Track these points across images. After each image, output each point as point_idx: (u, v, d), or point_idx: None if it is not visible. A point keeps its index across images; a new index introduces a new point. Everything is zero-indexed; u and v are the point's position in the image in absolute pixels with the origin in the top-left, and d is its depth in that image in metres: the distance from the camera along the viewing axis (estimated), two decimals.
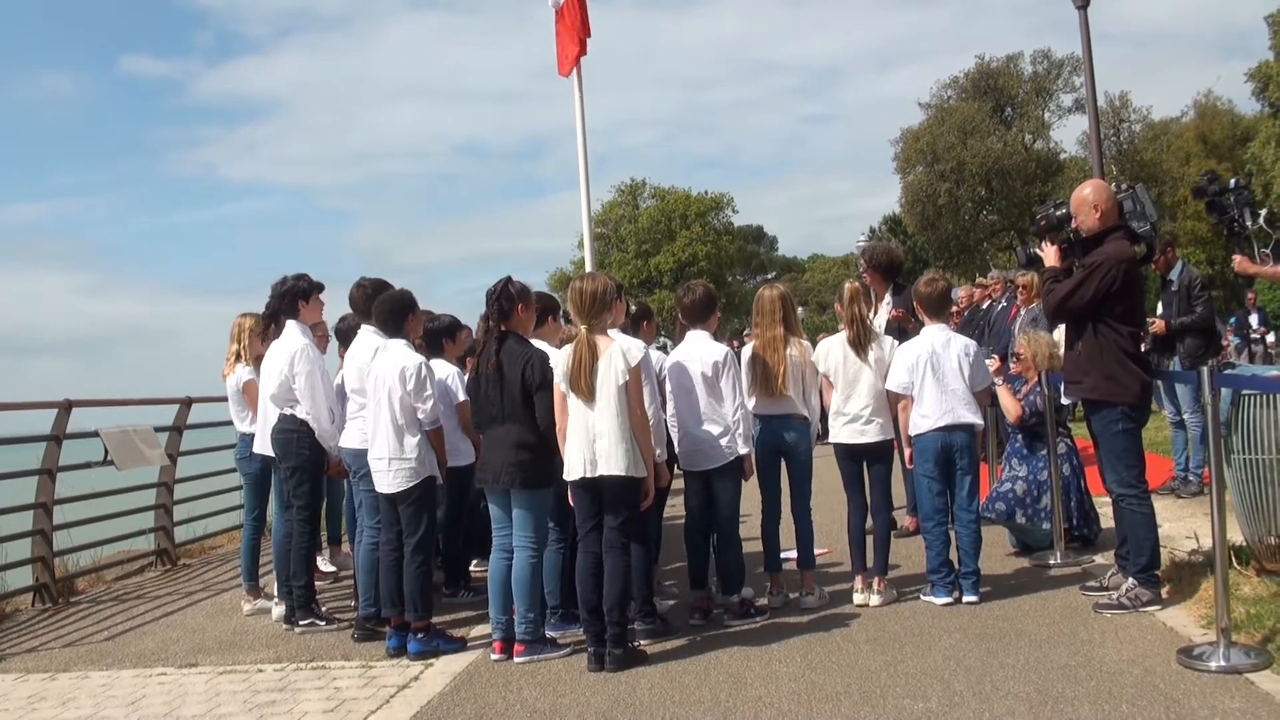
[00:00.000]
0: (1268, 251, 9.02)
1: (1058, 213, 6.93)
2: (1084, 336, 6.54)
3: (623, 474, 5.99)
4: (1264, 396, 6.66)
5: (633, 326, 7.32)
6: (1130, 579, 6.51)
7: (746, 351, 7.20)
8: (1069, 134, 61.62)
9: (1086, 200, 6.61)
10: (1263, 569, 6.65)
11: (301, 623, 7.37)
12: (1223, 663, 5.23)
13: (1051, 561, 7.77)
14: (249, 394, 8.04)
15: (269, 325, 7.64)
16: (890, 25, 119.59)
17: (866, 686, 5.39)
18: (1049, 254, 6.79)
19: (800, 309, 38.90)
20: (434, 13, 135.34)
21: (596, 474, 6.00)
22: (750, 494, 7.08)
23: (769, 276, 72.30)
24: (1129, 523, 6.54)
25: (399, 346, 6.67)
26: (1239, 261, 8.93)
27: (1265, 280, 12.19)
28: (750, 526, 7.27)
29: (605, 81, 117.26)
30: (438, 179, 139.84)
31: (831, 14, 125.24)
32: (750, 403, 7.02)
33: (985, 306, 13.47)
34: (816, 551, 7.39)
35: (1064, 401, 7.35)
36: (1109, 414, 6.49)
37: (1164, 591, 6.54)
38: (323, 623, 7.40)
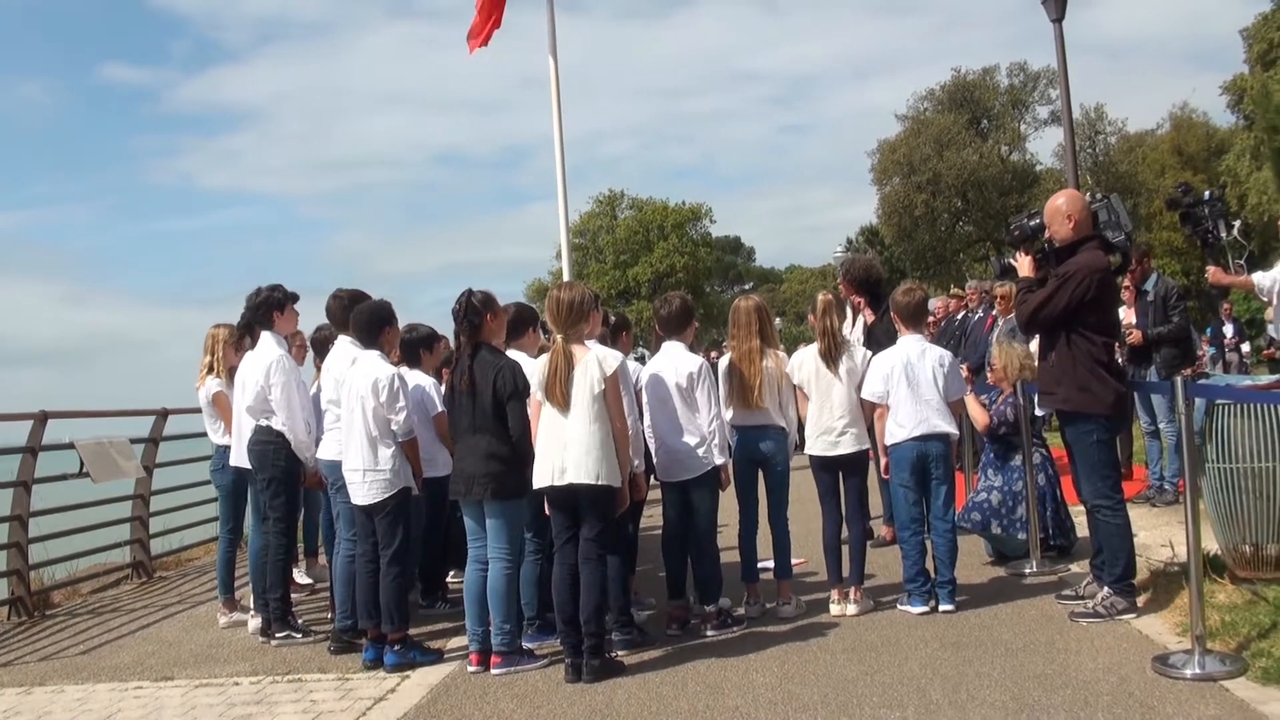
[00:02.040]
0: (1241, 262, 9.12)
1: (1031, 223, 6.88)
2: (1057, 347, 6.51)
3: (593, 482, 5.99)
4: (1238, 406, 6.72)
5: (610, 337, 7.34)
6: (1106, 588, 6.53)
7: (724, 363, 7.23)
8: (1045, 146, 61.94)
9: (1060, 210, 6.59)
10: (1237, 577, 6.71)
11: (278, 635, 7.34)
12: (1198, 670, 5.26)
13: (1027, 570, 7.80)
14: (219, 406, 8.02)
15: (243, 336, 7.63)
16: (868, 36, 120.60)
17: (843, 696, 5.40)
18: (1023, 264, 6.77)
19: (778, 320, 38.95)
20: (413, 22, 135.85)
21: (564, 482, 6.01)
22: (728, 504, 7.10)
23: (746, 287, 72.52)
24: (1104, 533, 6.56)
25: (372, 358, 6.65)
26: (1213, 272, 9.03)
27: (1239, 291, 12.33)
28: (727, 537, 7.29)
29: (584, 91, 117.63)
30: (416, 188, 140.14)
31: (809, 24, 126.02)
32: (728, 414, 7.05)
33: (961, 317, 13.54)
34: (793, 561, 7.43)
35: (1038, 413, 7.39)
36: (1084, 425, 6.48)
37: (1140, 600, 6.57)
38: (299, 635, 7.37)
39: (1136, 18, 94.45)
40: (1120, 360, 9.79)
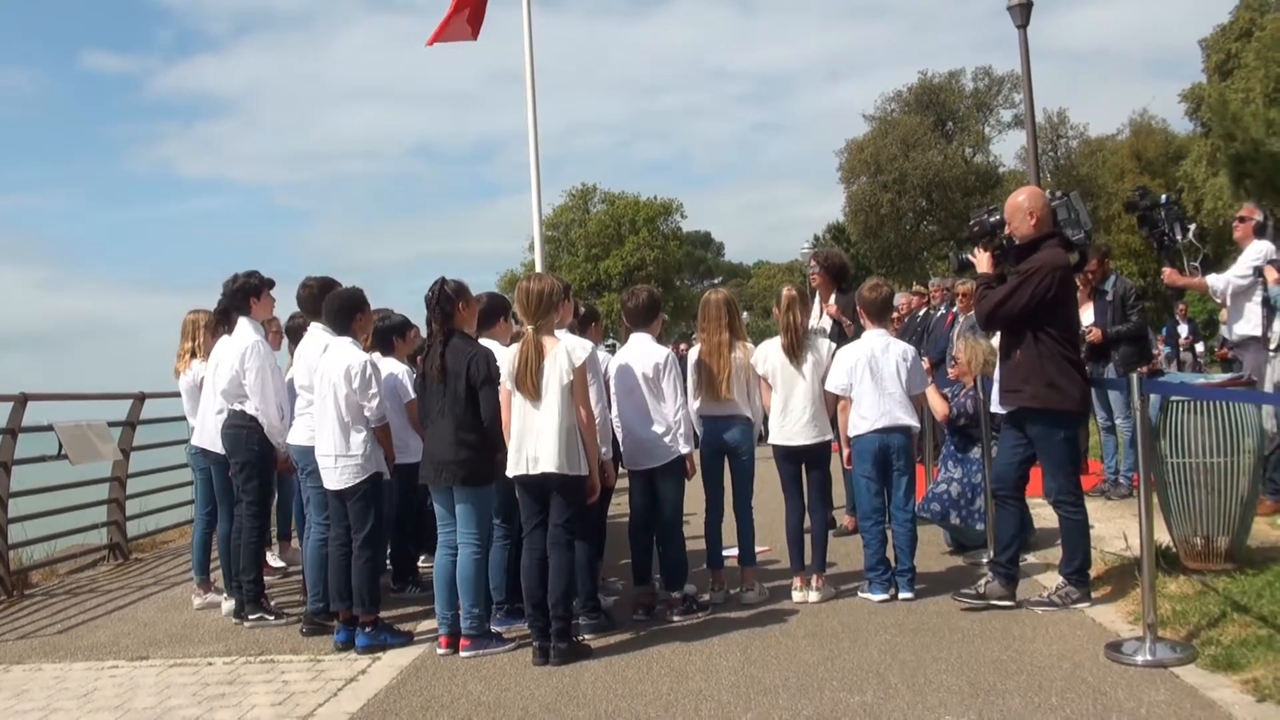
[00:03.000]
0: (1196, 265, 9.28)
1: (991, 219, 6.89)
2: (1022, 345, 6.49)
3: (563, 472, 6.08)
4: (1192, 403, 6.86)
5: (580, 328, 7.43)
6: (1061, 577, 6.63)
7: (693, 355, 7.34)
8: (1008, 148, 62.38)
9: (1021, 207, 6.58)
10: (1188, 568, 6.87)
11: (250, 617, 7.40)
12: (1149, 657, 5.38)
13: (984, 560, 7.87)
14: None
15: (220, 323, 7.67)
16: (840, 37, 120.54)
17: (804, 680, 5.51)
18: (981, 260, 6.77)
19: (745, 314, 39.04)
20: (392, 15, 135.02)
21: (537, 471, 6.09)
22: (694, 493, 7.21)
23: (716, 281, 72.59)
24: (1066, 528, 6.61)
25: (345, 344, 6.72)
26: (1168, 274, 9.19)
27: (1194, 292, 12.53)
28: (694, 525, 7.39)
29: (559, 87, 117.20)
30: (392, 180, 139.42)
31: (783, 24, 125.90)
32: (695, 404, 7.17)
33: (924, 313, 13.73)
34: (757, 549, 7.55)
35: (995, 409, 7.45)
36: (1051, 422, 6.50)
37: (1096, 592, 6.69)
38: (271, 617, 7.43)
39: (1100, 26, 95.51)
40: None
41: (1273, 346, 8.17)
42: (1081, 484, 6.75)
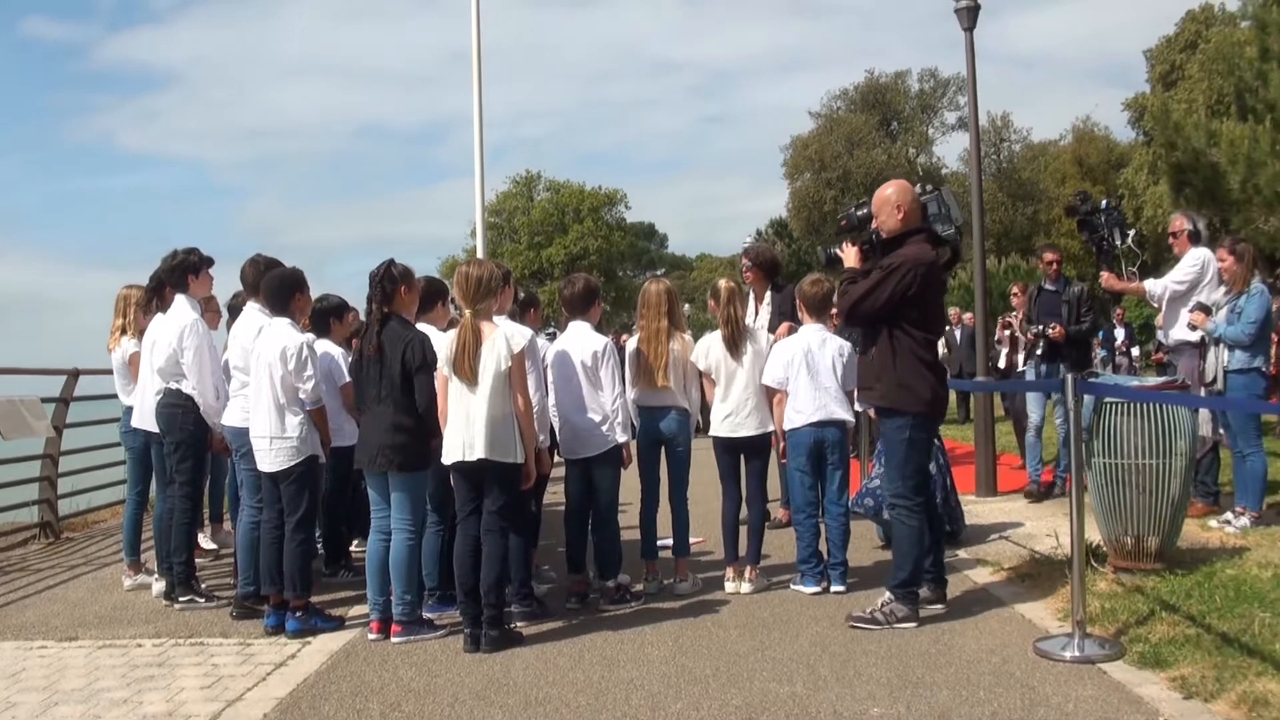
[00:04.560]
0: (1134, 270, 9.42)
1: (859, 213, 6.70)
2: (879, 342, 6.33)
3: (500, 459, 6.06)
4: (1124, 405, 6.99)
5: (519, 314, 7.42)
6: (888, 592, 6.37)
7: (631, 343, 7.34)
8: (951, 150, 63.18)
9: (889, 200, 6.38)
10: (1118, 567, 7.00)
11: (181, 599, 7.32)
12: (1077, 653, 5.45)
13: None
14: (134, 367, 7.94)
15: (152, 298, 7.57)
16: (789, 33, 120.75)
17: (734, 669, 5.54)
18: (849, 255, 6.60)
19: (687, 306, 38.98)
20: None
21: (475, 458, 6.05)
22: (630, 483, 7.23)
23: (658, 273, 72.69)
24: (896, 534, 6.47)
25: (282, 325, 6.65)
26: (1106, 278, 9.34)
27: (1132, 297, 12.70)
28: (629, 515, 7.41)
29: (507, 71, 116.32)
30: (335, 159, 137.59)
31: (731, 18, 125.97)
32: (632, 393, 7.17)
33: None
34: (692, 540, 7.57)
35: (856, 407, 7.41)
36: (898, 421, 6.34)
37: (1024, 588, 6.76)
38: (202, 600, 7.36)
39: (1047, 32, 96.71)
40: (1037, 352, 10.07)
41: (1208, 380, 8.30)
42: (924, 491, 6.48)
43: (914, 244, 6.30)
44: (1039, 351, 10.15)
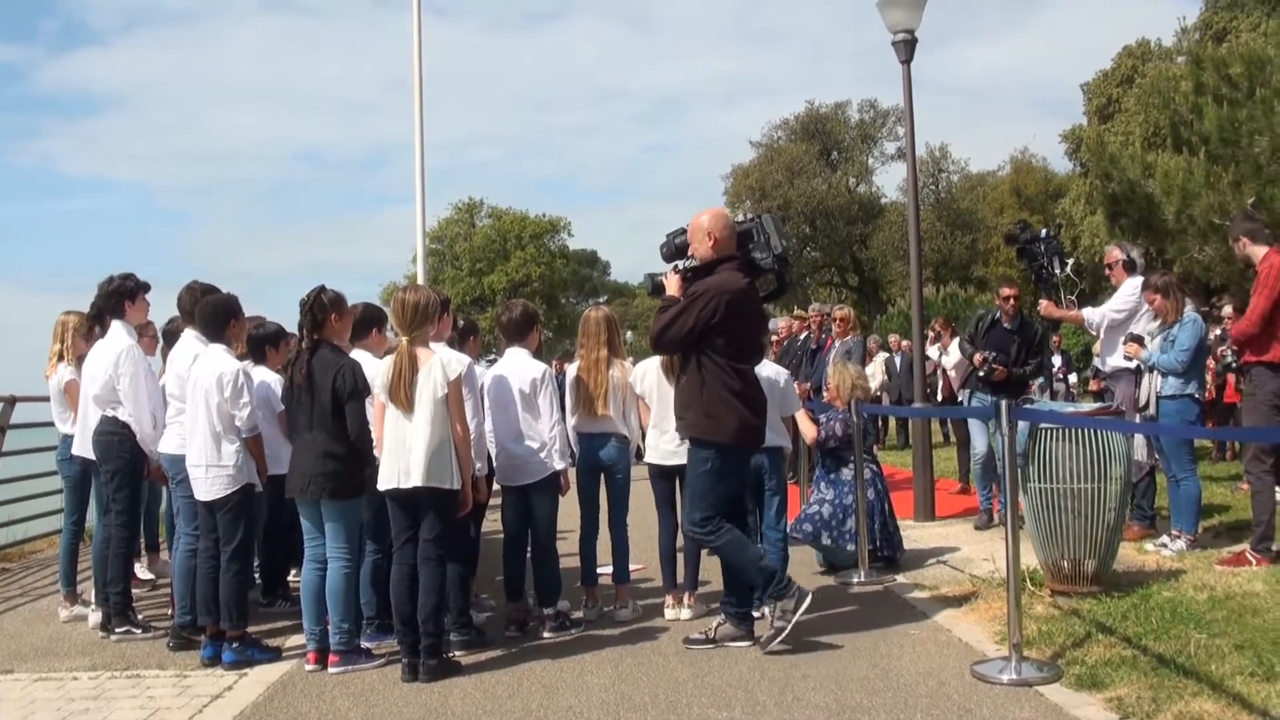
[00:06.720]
0: (1073, 298, 9.56)
1: (677, 240, 6.65)
2: (688, 370, 6.32)
3: (435, 486, 6.03)
4: (1060, 430, 7.07)
5: (459, 342, 7.39)
6: (722, 613, 6.56)
7: (571, 371, 7.33)
8: (891, 180, 63.99)
9: (702, 227, 6.37)
10: (1055, 590, 7.07)
11: (117, 630, 7.20)
12: (1014, 676, 5.49)
13: (855, 580, 8.05)
14: (70, 394, 7.81)
15: (93, 325, 7.49)
16: (735, 61, 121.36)
17: (674, 696, 5.54)
18: (671, 282, 6.50)
19: (629, 333, 38.95)
20: (284, 16, 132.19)
21: (410, 485, 6.02)
22: (569, 510, 7.21)
23: (600, 300, 72.78)
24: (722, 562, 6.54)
25: (218, 352, 6.60)
26: (1045, 306, 9.48)
27: (1070, 324, 12.86)
28: (569, 542, 7.39)
29: (452, 97, 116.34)
30: (278, 184, 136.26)
31: (678, 45, 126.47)
32: (572, 420, 7.16)
33: (804, 337, 13.92)
34: (631, 567, 7.57)
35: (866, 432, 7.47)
36: (702, 451, 6.32)
37: (961, 610, 6.80)
38: (139, 630, 7.24)
39: (985, 65, 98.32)
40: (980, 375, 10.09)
41: (1141, 406, 8.42)
42: (713, 522, 6.34)
43: (723, 271, 6.29)
44: (981, 375, 10.18)
